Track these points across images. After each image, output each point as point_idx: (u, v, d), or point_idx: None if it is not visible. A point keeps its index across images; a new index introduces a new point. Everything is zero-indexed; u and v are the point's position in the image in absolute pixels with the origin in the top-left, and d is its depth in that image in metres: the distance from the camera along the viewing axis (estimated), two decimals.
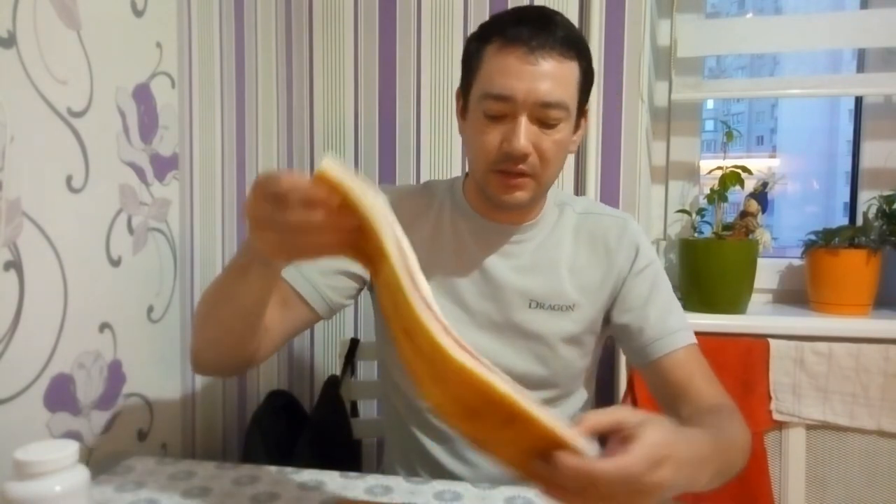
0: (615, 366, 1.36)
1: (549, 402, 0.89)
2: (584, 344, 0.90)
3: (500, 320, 0.87)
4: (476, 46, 0.81)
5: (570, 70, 0.78)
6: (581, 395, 0.95)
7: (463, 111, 0.85)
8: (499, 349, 0.86)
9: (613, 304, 0.90)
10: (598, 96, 1.35)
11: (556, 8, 1.35)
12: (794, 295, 1.48)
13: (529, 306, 0.87)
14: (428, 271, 0.85)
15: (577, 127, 0.84)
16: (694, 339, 0.87)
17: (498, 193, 0.81)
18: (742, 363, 1.27)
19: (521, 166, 0.78)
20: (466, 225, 0.89)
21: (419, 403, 0.90)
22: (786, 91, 1.51)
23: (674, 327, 0.86)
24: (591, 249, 0.89)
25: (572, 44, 0.78)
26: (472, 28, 0.87)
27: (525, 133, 0.76)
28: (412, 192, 0.95)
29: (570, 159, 1.39)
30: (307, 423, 1.07)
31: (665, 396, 0.86)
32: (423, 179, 1.45)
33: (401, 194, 0.93)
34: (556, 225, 0.90)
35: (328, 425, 1.09)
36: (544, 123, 0.77)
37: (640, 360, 0.88)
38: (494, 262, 0.88)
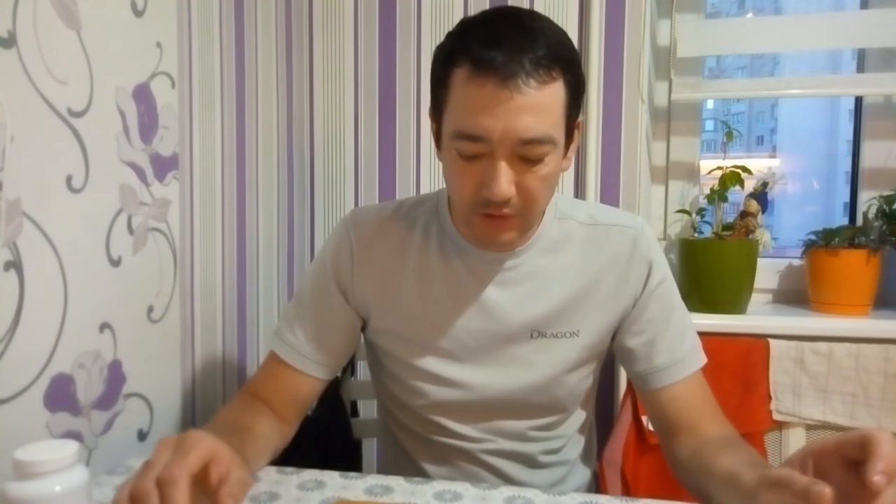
0: (615, 372, 1.36)
1: (551, 425, 0.88)
2: (587, 367, 0.86)
3: (499, 354, 0.83)
4: (443, 70, 0.70)
5: (553, 94, 0.66)
6: (581, 413, 0.92)
7: (437, 139, 0.76)
8: (498, 382, 0.83)
9: (621, 324, 0.84)
10: (598, 96, 1.35)
11: (556, 9, 1.37)
12: (794, 295, 1.49)
13: (531, 336, 0.82)
14: (420, 308, 0.84)
15: (569, 143, 0.75)
16: (700, 362, 0.83)
17: (484, 238, 0.75)
18: (742, 363, 1.27)
19: (504, 210, 0.70)
20: (460, 261, 0.82)
21: (417, 430, 0.89)
22: (786, 91, 1.51)
23: (681, 356, 0.82)
24: (598, 267, 0.82)
25: (555, 59, 0.66)
26: None
27: (505, 177, 0.67)
28: (391, 217, 0.86)
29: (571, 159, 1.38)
30: (307, 423, 1.07)
31: (664, 425, 0.83)
32: (422, 181, 1.45)
33: (381, 222, 0.85)
34: (557, 242, 0.83)
35: (328, 425, 1.09)
36: (527, 160, 0.68)
37: (642, 386, 0.85)
38: (492, 294, 0.81)
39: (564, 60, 0.67)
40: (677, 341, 0.83)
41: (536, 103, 0.65)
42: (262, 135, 1.23)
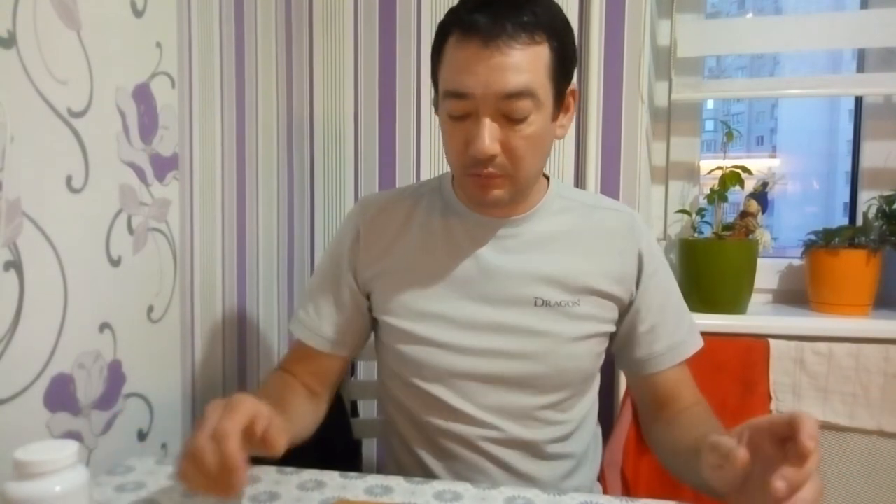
0: (615, 372, 1.36)
1: (558, 404, 0.86)
2: (593, 340, 0.85)
3: (503, 322, 0.83)
4: (439, 39, 0.76)
5: (535, 55, 0.71)
6: (591, 397, 0.92)
7: (436, 106, 0.81)
8: (503, 353, 0.82)
9: (624, 313, 0.86)
10: (598, 96, 1.35)
11: None
12: (794, 295, 1.49)
13: (535, 304, 0.82)
14: (423, 273, 0.85)
15: (564, 110, 0.79)
16: (696, 345, 0.87)
17: (475, 196, 0.79)
18: (742, 363, 1.27)
19: (489, 168, 0.74)
20: (460, 223, 0.85)
21: (420, 415, 0.87)
22: (786, 91, 1.51)
23: (677, 341, 0.86)
24: (596, 246, 0.85)
25: (539, 25, 0.71)
26: None
27: (488, 133, 0.71)
28: (397, 196, 0.91)
29: (571, 159, 1.39)
30: None
31: (649, 402, 0.88)
32: (423, 179, 1.45)
33: (387, 201, 0.90)
34: (558, 215, 0.86)
35: (328, 425, 1.09)
36: (511, 118, 0.72)
37: (638, 370, 0.87)
38: (494, 261, 0.83)
39: (550, 27, 0.72)
40: (673, 329, 0.86)
41: (517, 62, 0.70)
42: (262, 135, 1.23)
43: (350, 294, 0.89)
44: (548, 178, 0.89)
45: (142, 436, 0.89)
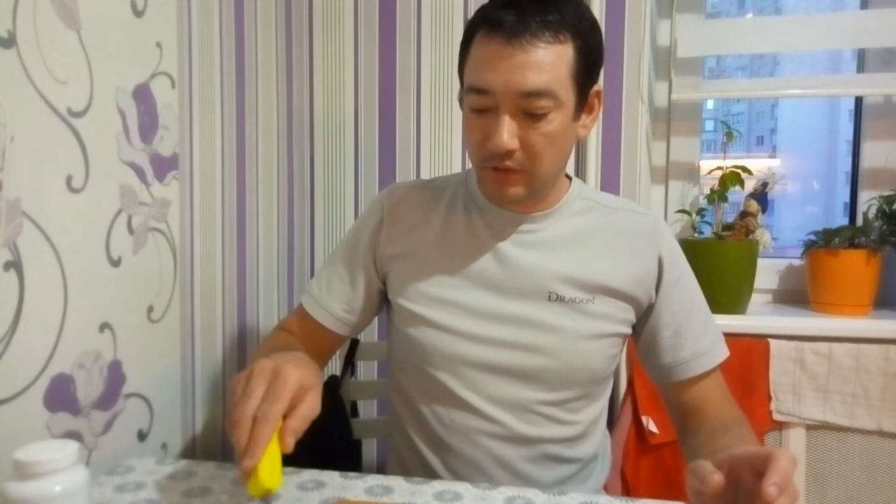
0: (615, 372, 1.36)
1: (564, 402, 0.85)
2: (606, 340, 0.85)
3: (516, 314, 0.83)
4: (468, 33, 0.77)
5: (558, 54, 0.71)
6: (601, 403, 0.91)
7: (461, 99, 0.81)
8: (513, 344, 0.83)
9: (644, 316, 0.87)
10: None
11: None
12: (794, 295, 1.49)
13: (549, 299, 0.83)
14: (439, 267, 0.86)
15: (587, 110, 0.80)
16: (723, 355, 0.87)
17: (493, 191, 0.80)
18: (742, 363, 1.27)
19: (507, 163, 0.75)
20: (481, 217, 0.86)
21: (426, 409, 0.87)
22: (786, 91, 1.52)
23: (703, 349, 0.85)
24: (615, 246, 0.85)
25: (563, 24, 0.71)
26: None
27: (507, 129, 0.73)
28: (423, 186, 0.93)
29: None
30: None
31: (679, 411, 0.88)
32: (422, 178, 1.45)
33: (412, 189, 0.93)
34: (579, 215, 0.87)
35: (328, 425, 1.09)
36: (530, 115, 0.73)
37: (666, 378, 0.87)
38: (512, 254, 0.84)
39: (575, 27, 0.73)
40: (699, 336, 0.86)
41: (538, 60, 0.71)
42: (262, 135, 1.23)
43: (365, 275, 0.91)
44: (570, 178, 0.89)
45: (142, 436, 0.89)
